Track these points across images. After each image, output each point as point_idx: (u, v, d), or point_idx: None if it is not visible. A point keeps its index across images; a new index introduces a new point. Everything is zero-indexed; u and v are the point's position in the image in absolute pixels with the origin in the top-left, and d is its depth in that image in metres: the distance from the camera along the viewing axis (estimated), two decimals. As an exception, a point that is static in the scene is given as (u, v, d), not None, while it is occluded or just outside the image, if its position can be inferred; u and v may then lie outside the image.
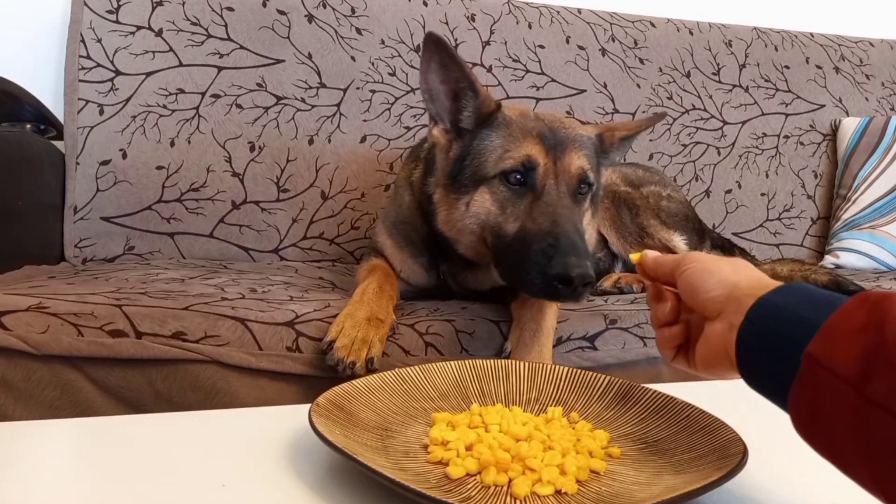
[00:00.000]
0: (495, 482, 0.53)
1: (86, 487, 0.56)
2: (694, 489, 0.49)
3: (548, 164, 0.96)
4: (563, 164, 0.97)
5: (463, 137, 1.02)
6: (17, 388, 0.87)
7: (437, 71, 0.99)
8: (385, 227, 1.21)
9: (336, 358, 0.88)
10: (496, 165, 0.97)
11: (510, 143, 0.97)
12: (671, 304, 0.61)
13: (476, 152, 0.99)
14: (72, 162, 1.49)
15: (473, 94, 1.00)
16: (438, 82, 1.00)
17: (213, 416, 0.76)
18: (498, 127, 1.00)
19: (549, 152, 0.97)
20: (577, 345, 1.04)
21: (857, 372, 0.39)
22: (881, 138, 1.92)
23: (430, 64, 0.99)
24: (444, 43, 0.97)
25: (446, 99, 1.02)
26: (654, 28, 1.96)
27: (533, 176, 0.96)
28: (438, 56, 0.98)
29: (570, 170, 0.98)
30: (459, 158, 1.01)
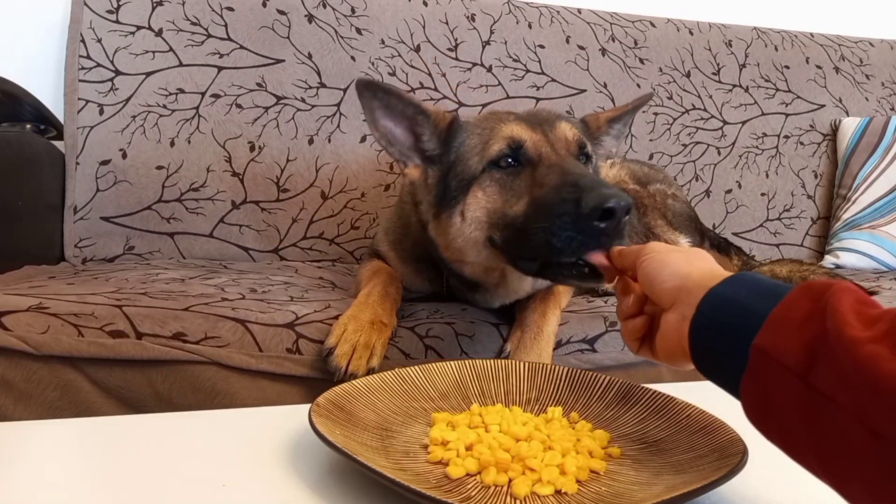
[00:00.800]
0: (495, 482, 0.53)
1: (86, 487, 0.56)
2: (694, 489, 0.49)
3: (536, 136, 0.90)
4: (556, 134, 0.92)
5: (436, 162, 0.99)
6: (17, 388, 0.87)
7: (383, 114, 0.95)
8: (388, 240, 1.18)
9: (335, 366, 0.87)
10: (482, 159, 0.92)
11: (488, 134, 0.93)
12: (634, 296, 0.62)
13: (455, 162, 0.95)
14: (72, 162, 1.49)
15: (425, 118, 0.97)
16: (391, 124, 0.97)
17: (213, 417, 0.76)
18: (466, 131, 0.96)
19: (535, 129, 0.92)
20: (576, 347, 1.04)
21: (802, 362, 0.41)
22: (881, 138, 1.92)
23: (374, 111, 0.95)
24: (375, 83, 0.94)
25: (404, 136, 0.98)
26: (654, 28, 1.96)
27: (524, 151, 0.90)
28: (377, 98, 0.94)
29: (565, 137, 0.92)
30: (441, 179, 0.97)
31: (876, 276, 1.66)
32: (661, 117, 1.91)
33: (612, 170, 1.47)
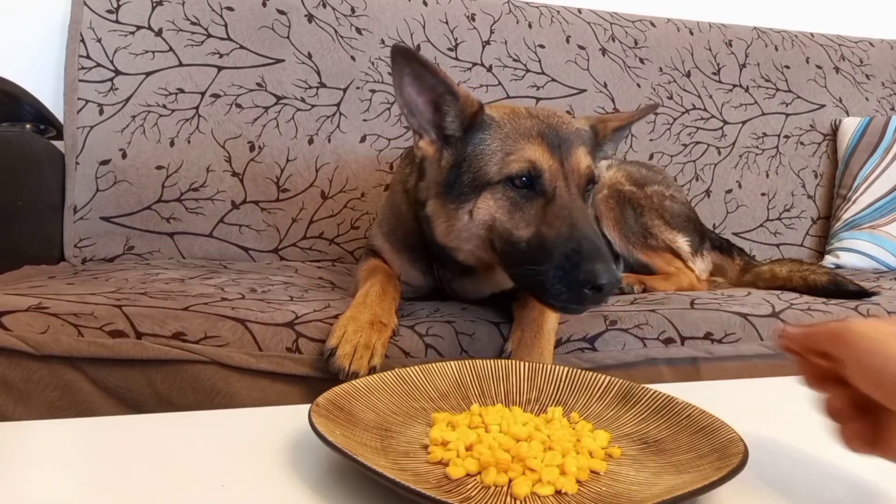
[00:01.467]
0: (495, 482, 0.53)
1: (86, 487, 0.56)
2: (694, 489, 0.48)
3: (554, 166, 0.93)
4: (571, 164, 0.94)
5: (452, 145, 0.99)
6: (17, 388, 0.87)
7: (411, 83, 0.96)
8: (382, 232, 1.20)
9: (337, 367, 0.87)
10: (500, 171, 0.93)
11: (511, 146, 0.94)
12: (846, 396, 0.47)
13: (472, 157, 0.96)
14: (72, 162, 1.49)
15: (453, 98, 0.97)
16: (415, 94, 0.97)
17: (213, 417, 0.76)
18: (489, 129, 0.97)
19: (554, 153, 0.94)
20: (576, 346, 1.04)
21: None
22: (881, 138, 1.92)
23: (402, 77, 0.95)
24: (412, 53, 0.94)
25: (426, 109, 0.99)
26: (654, 28, 1.96)
27: (541, 181, 0.92)
28: (410, 67, 0.95)
29: (579, 170, 0.95)
30: (454, 167, 0.98)
31: (876, 276, 1.67)
32: (661, 117, 1.91)
33: (608, 172, 1.47)
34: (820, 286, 1.35)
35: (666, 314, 1.11)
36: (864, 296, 1.29)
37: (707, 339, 1.09)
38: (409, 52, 0.94)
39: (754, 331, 1.12)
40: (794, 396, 0.84)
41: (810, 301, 1.25)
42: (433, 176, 1.02)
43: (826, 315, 1.19)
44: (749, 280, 1.52)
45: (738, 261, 1.58)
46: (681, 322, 1.10)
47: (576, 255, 0.84)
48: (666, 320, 1.09)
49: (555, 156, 0.94)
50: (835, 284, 1.34)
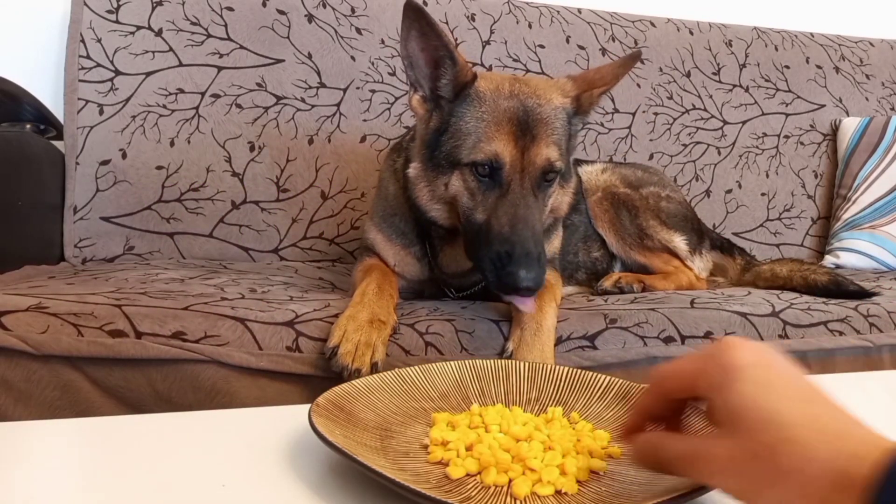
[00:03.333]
0: (495, 482, 0.53)
1: (86, 487, 0.56)
2: (694, 489, 0.48)
3: (514, 159, 0.97)
4: (531, 155, 0.98)
5: (441, 108, 1.03)
6: (17, 388, 0.87)
7: (416, 39, 1.00)
8: (374, 222, 1.21)
9: (340, 365, 0.87)
10: (469, 154, 0.98)
11: (482, 132, 0.98)
12: None
13: (453, 130, 1.01)
14: (72, 162, 1.49)
15: (452, 63, 1.01)
16: (418, 50, 1.01)
17: (213, 416, 0.76)
18: (473, 104, 1.00)
19: (518, 143, 0.98)
20: (577, 344, 1.04)
21: None
22: (881, 138, 1.92)
23: (410, 32, 0.99)
24: (423, 11, 0.97)
25: (426, 66, 1.03)
26: (654, 28, 1.96)
27: (500, 174, 0.97)
28: (418, 24, 0.98)
29: (536, 162, 0.98)
30: (437, 131, 1.02)
31: (876, 276, 1.67)
32: (661, 117, 1.91)
33: (603, 175, 1.47)
34: (820, 286, 1.35)
35: (666, 313, 1.11)
36: (864, 296, 1.30)
37: (707, 339, 1.09)
38: (420, 10, 0.97)
39: (754, 330, 1.12)
40: (795, 396, 0.83)
41: (810, 301, 1.25)
42: (420, 134, 1.07)
43: (826, 314, 1.19)
44: (749, 280, 1.52)
45: (739, 260, 1.58)
46: (681, 321, 1.10)
47: (507, 255, 0.92)
48: (666, 319, 1.09)
49: (518, 146, 0.98)
50: (835, 284, 1.34)
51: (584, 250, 1.44)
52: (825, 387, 0.41)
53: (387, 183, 1.20)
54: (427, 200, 1.06)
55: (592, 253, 1.45)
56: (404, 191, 1.12)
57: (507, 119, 0.98)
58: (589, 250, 1.45)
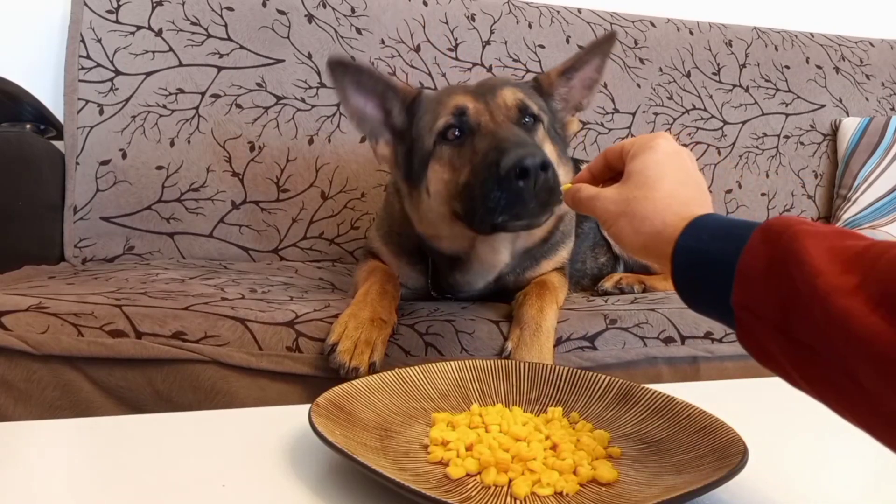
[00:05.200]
0: (495, 482, 0.53)
1: (86, 487, 0.56)
2: (694, 489, 0.48)
3: (478, 106, 0.94)
4: (496, 101, 0.95)
5: (403, 138, 1.02)
6: (17, 388, 0.87)
7: (355, 90, 0.98)
8: (380, 235, 1.20)
9: (338, 362, 0.87)
10: (431, 135, 0.95)
11: (439, 109, 0.96)
12: None
13: (416, 139, 0.99)
14: (72, 162, 1.49)
15: (394, 93, 1.00)
16: (362, 100, 0.99)
17: (213, 416, 0.76)
18: (423, 106, 0.99)
19: (479, 98, 0.95)
20: (576, 344, 1.04)
21: (779, 316, 0.41)
22: (881, 138, 1.92)
23: (345, 87, 0.97)
24: (348, 60, 0.97)
25: (375, 112, 1.01)
26: (654, 28, 1.96)
27: (466, 120, 0.93)
28: (349, 75, 0.97)
29: (505, 102, 0.95)
30: (406, 155, 1.01)
31: (876, 276, 1.67)
32: (661, 117, 1.91)
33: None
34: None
35: (666, 313, 1.11)
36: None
37: (707, 339, 1.09)
38: (344, 60, 0.97)
39: (754, 331, 1.12)
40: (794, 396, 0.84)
41: (810, 301, 1.25)
42: (397, 175, 1.05)
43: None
44: (749, 280, 1.51)
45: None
46: (681, 321, 1.10)
47: (497, 154, 0.83)
48: (666, 319, 1.09)
49: (479, 100, 0.95)
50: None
51: (591, 257, 1.44)
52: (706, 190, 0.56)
53: (392, 199, 1.17)
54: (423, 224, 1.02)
55: (599, 259, 1.45)
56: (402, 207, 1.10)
57: (461, 90, 0.98)
58: (596, 257, 1.45)
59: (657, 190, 0.54)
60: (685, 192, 0.54)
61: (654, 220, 0.52)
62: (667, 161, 0.56)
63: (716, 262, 0.46)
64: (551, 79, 1.09)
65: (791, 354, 0.41)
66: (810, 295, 0.39)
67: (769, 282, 0.42)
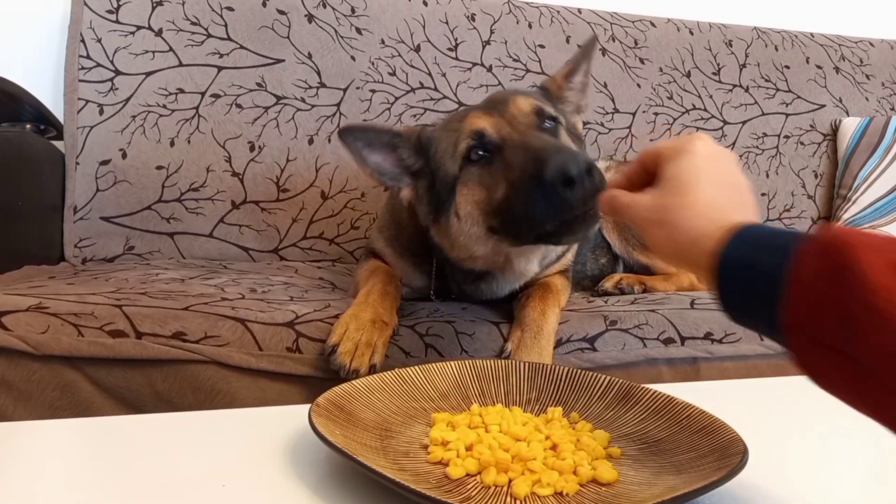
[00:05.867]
0: (495, 482, 0.53)
1: (86, 487, 0.56)
2: (694, 489, 0.48)
3: (495, 121, 0.94)
4: (510, 111, 0.95)
5: (421, 176, 1.03)
6: (17, 388, 0.87)
7: (368, 150, 1.00)
8: (384, 237, 1.20)
9: (339, 364, 0.87)
10: (455, 160, 0.96)
11: (455, 136, 0.97)
12: None
13: (436, 170, 0.99)
14: (72, 162, 1.49)
15: (400, 140, 1.02)
16: (378, 158, 1.02)
17: (213, 417, 0.76)
18: (435, 139, 1.01)
19: (493, 113, 0.95)
20: (576, 346, 1.04)
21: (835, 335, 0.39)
22: (881, 138, 1.92)
23: (359, 151, 1.00)
24: (353, 127, 1.00)
25: (391, 164, 1.03)
26: (654, 28, 1.96)
27: (488, 140, 0.93)
28: (359, 140, 0.99)
29: (521, 110, 0.95)
30: (429, 189, 1.01)
31: (876, 276, 1.66)
32: (661, 117, 1.91)
33: (607, 174, 1.46)
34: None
35: (666, 314, 1.10)
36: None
37: (707, 339, 1.09)
38: (349, 128, 1.00)
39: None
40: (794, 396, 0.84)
41: (810, 301, 1.25)
42: (422, 210, 1.05)
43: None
44: (749, 280, 1.51)
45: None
46: (681, 322, 1.10)
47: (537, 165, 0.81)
48: (666, 320, 1.09)
49: (493, 114, 0.95)
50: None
51: (592, 259, 1.44)
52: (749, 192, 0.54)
53: (399, 207, 1.15)
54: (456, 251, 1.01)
55: (600, 260, 1.45)
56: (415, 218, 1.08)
57: (472, 111, 0.99)
58: (597, 258, 1.45)
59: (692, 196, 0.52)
60: (722, 198, 0.52)
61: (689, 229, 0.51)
62: (703, 165, 0.53)
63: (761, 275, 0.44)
64: (559, 82, 1.10)
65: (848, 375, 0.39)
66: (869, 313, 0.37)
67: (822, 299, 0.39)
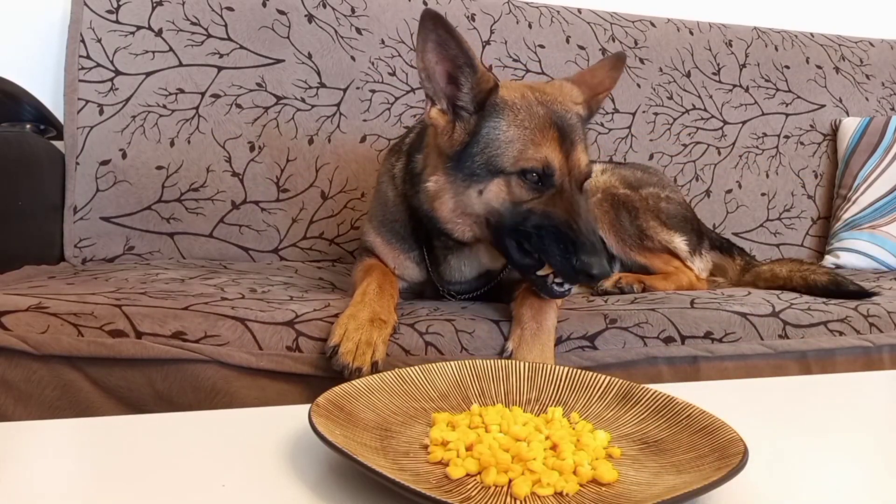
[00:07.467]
0: (495, 483, 0.53)
1: (86, 487, 0.56)
2: (694, 489, 0.48)
3: (562, 163, 0.99)
4: (574, 160, 1.00)
5: (464, 120, 1.01)
6: (17, 388, 0.87)
7: (434, 50, 0.98)
8: (373, 225, 1.21)
9: (341, 363, 0.87)
10: (515, 163, 0.97)
11: (527, 140, 0.98)
12: None
13: (487, 141, 0.99)
14: (72, 162, 1.49)
15: (471, 71, 0.99)
16: (435, 62, 0.99)
17: (213, 416, 0.76)
18: (504, 113, 0.99)
19: (563, 148, 0.99)
20: (577, 344, 1.04)
21: None
22: (881, 138, 1.92)
23: (427, 43, 0.97)
24: (441, 19, 0.95)
25: (442, 79, 1.01)
26: (654, 28, 1.96)
27: (552, 179, 0.98)
28: (436, 33, 0.96)
29: (580, 166, 1.01)
30: (467, 144, 1.00)
31: (876, 276, 1.67)
32: (661, 117, 1.91)
33: (602, 176, 1.47)
34: (820, 286, 1.35)
35: (666, 313, 1.11)
36: (864, 296, 1.29)
37: (707, 339, 1.09)
38: (438, 17, 0.96)
39: (754, 330, 1.12)
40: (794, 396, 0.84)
41: (810, 301, 1.25)
42: (442, 147, 1.03)
43: (826, 314, 1.19)
44: (749, 280, 1.52)
45: (739, 260, 1.58)
46: (681, 321, 1.10)
47: (573, 245, 0.93)
48: (666, 319, 1.09)
49: (563, 151, 0.99)
50: (835, 284, 1.34)
51: None
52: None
53: (385, 187, 1.19)
54: (449, 212, 1.03)
55: None
56: (403, 197, 1.12)
57: (549, 125, 0.99)
58: None
59: None
60: None
61: None
62: None
63: None
64: (599, 103, 1.13)
65: None
66: None
67: None
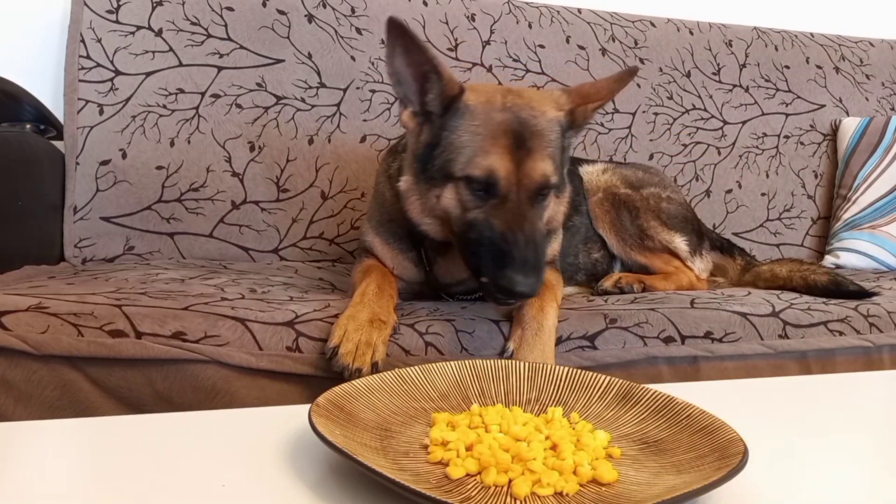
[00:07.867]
0: (495, 483, 0.53)
1: (86, 487, 0.56)
2: (694, 489, 0.48)
3: (510, 173, 0.96)
4: (526, 169, 0.97)
5: (432, 122, 1.02)
6: (17, 388, 0.87)
7: (401, 55, 0.99)
8: (371, 225, 1.21)
9: (341, 365, 0.88)
10: (463, 168, 0.97)
11: (477, 146, 0.97)
12: None
13: (446, 144, 0.99)
14: (72, 162, 1.49)
15: (437, 77, 1.00)
16: (404, 66, 1.00)
17: (213, 417, 0.76)
18: (464, 117, 0.99)
19: (514, 156, 0.96)
20: (577, 344, 1.04)
21: None
22: (881, 138, 1.92)
23: (394, 49, 0.99)
24: (405, 28, 0.97)
25: (413, 82, 1.02)
26: (654, 28, 1.96)
27: (496, 188, 0.96)
28: (402, 41, 0.98)
29: (532, 176, 0.97)
30: (429, 146, 1.01)
31: (876, 276, 1.67)
32: (661, 117, 1.91)
33: (604, 175, 1.47)
34: (820, 286, 1.35)
35: (666, 313, 1.11)
36: (864, 296, 1.29)
37: (707, 338, 1.09)
38: (401, 27, 0.97)
39: (754, 330, 1.12)
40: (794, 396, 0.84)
41: (810, 301, 1.25)
42: (411, 148, 1.06)
43: (826, 314, 1.19)
44: (749, 280, 1.52)
45: (739, 261, 1.58)
46: (681, 321, 1.10)
47: (502, 259, 0.91)
48: (666, 319, 1.09)
49: (513, 160, 0.96)
50: (835, 284, 1.34)
51: (584, 252, 1.44)
52: None
53: (383, 188, 1.19)
54: (418, 213, 1.05)
55: (593, 254, 1.45)
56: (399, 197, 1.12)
57: (502, 132, 0.97)
58: (589, 252, 1.45)
59: None
60: None
61: None
62: None
63: None
64: (587, 113, 1.09)
65: None
66: None
67: None
